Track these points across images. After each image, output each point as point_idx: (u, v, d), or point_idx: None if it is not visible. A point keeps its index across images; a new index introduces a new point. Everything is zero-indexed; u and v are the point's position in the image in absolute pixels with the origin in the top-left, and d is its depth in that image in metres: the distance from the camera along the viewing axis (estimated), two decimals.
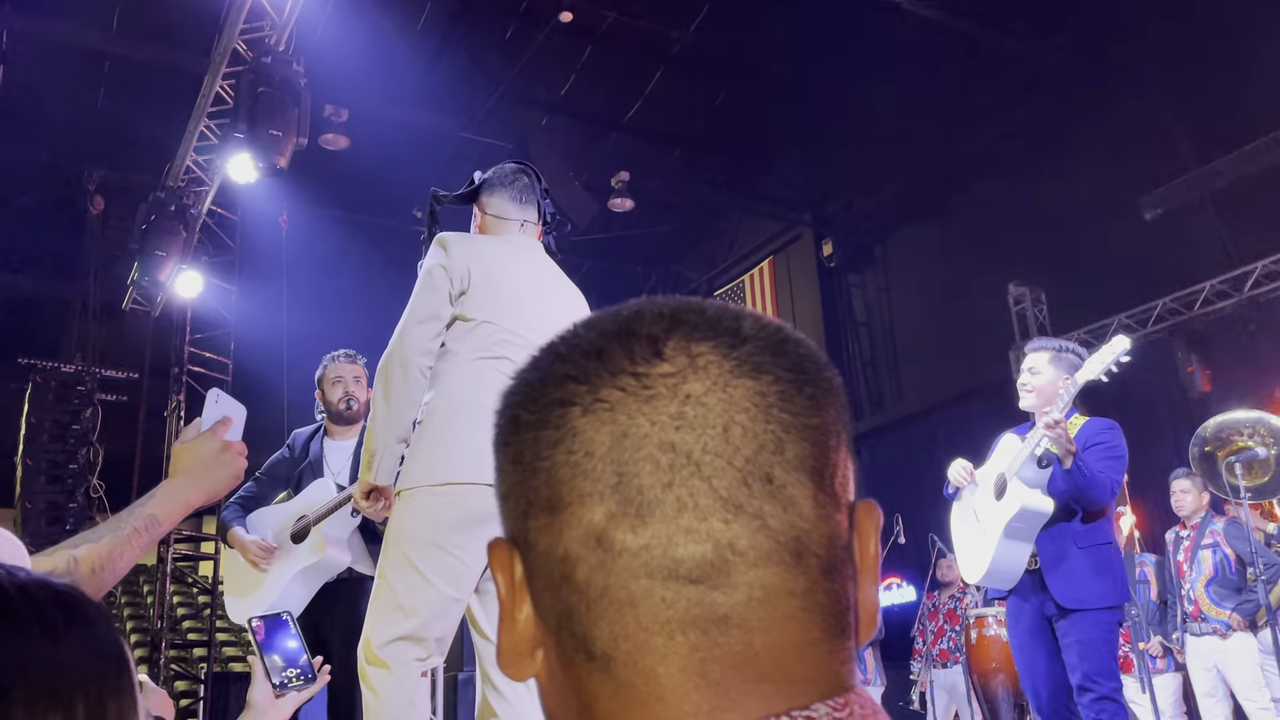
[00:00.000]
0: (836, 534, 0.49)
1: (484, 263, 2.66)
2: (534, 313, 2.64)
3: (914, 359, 10.99)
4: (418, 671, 2.41)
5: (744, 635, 0.46)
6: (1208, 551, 5.74)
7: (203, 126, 8.07)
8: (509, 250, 2.77)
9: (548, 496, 0.48)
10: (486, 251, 2.72)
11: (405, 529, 2.46)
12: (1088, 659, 3.44)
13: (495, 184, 2.91)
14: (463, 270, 2.62)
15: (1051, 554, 3.55)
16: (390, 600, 2.42)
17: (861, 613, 0.50)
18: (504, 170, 2.94)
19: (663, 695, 0.46)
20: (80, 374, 9.10)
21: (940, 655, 7.29)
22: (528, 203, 2.90)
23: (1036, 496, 3.55)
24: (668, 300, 0.52)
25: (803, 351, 0.50)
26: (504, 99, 10.10)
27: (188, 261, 8.92)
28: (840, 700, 0.46)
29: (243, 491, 4.17)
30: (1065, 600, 3.49)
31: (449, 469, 2.43)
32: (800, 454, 0.48)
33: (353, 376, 4.13)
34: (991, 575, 3.64)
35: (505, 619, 0.51)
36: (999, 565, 3.61)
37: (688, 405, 0.47)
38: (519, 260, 2.76)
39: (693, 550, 0.45)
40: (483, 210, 2.90)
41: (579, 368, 0.49)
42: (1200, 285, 8.00)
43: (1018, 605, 3.69)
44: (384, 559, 2.48)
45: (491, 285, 2.64)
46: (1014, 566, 3.60)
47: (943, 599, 7.58)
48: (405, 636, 2.39)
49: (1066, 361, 3.75)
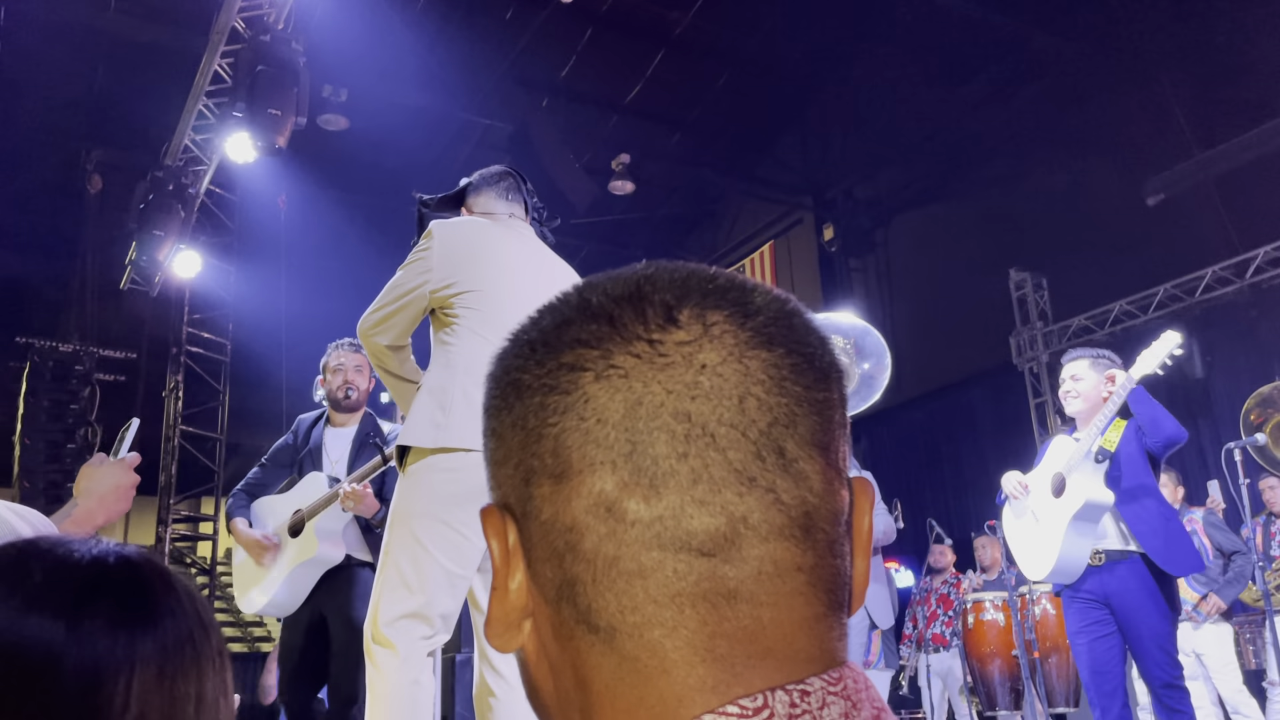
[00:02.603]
0: (840, 509, 0.49)
1: (473, 240, 2.69)
2: (529, 287, 2.64)
3: (914, 344, 10.97)
4: (424, 651, 2.42)
5: (752, 610, 0.45)
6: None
7: (201, 105, 8.03)
8: (506, 233, 2.80)
9: (554, 463, 0.47)
10: (477, 230, 2.75)
11: (411, 506, 2.46)
12: (1155, 646, 3.59)
13: (480, 185, 2.95)
14: (446, 249, 2.64)
15: (1144, 530, 3.68)
16: (396, 578, 2.42)
17: (854, 587, 0.50)
18: (489, 172, 2.98)
19: (668, 669, 0.45)
20: (78, 354, 9.09)
21: (934, 640, 7.31)
22: (514, 200, 2.93)
23: (1099, 489, 3.70)
24: (675, 265, 0.51)
25: (810, 325, 0.50)
26: (504, 80, 10.05)
27: (186, 241, 8.89)
28: (835, 675, 0.46)
29: (249, 478, 4.21)
30: (1173, 568, 3.62)
31: (449, 433, 2.44)
32: (811, 428, 0.47)
33: (354, 366, 4.15)
34: (1058, 571, 3.77)
35: (498, 587, 0.50)
36: (1065, 560, 3.74)
37: (703, 375, 0.46)
38: (508, 238, 2.78)
39: (706, 522, 0.45)
40: (469, 210, 2.93)
41: (590, 332, 0.48)
42: (1202, 271, 7.99)
43: (1077, 596, 3.80)
44: (389, 537, 2.49)
45: (484, 261, 2.66)
46: (1079, 560, 3.74)
47: (935, 584, 7.60)
48: (411, 614, 2.39)
49: (1104, 365, 3.97)
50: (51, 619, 0.51)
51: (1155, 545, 3.65)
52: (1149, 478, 3.76)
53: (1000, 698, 5.73)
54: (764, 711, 0.43)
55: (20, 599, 0.52)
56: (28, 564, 0.54)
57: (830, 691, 0.45)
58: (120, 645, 0.52)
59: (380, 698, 2.37)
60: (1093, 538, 3.74)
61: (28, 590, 0.52)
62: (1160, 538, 3.66)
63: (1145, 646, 3.62)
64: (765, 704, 0.44)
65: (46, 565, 0.54)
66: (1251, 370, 7.78)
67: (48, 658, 0.50)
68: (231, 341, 9.80)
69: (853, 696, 0.45)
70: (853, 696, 0.45)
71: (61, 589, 0.53)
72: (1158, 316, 8.32)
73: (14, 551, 0.55)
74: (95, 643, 0.51)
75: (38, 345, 9.06)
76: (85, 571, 0.55)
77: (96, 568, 0.55)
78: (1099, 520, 3.73)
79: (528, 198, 2.97)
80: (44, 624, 0.51)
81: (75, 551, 0.56)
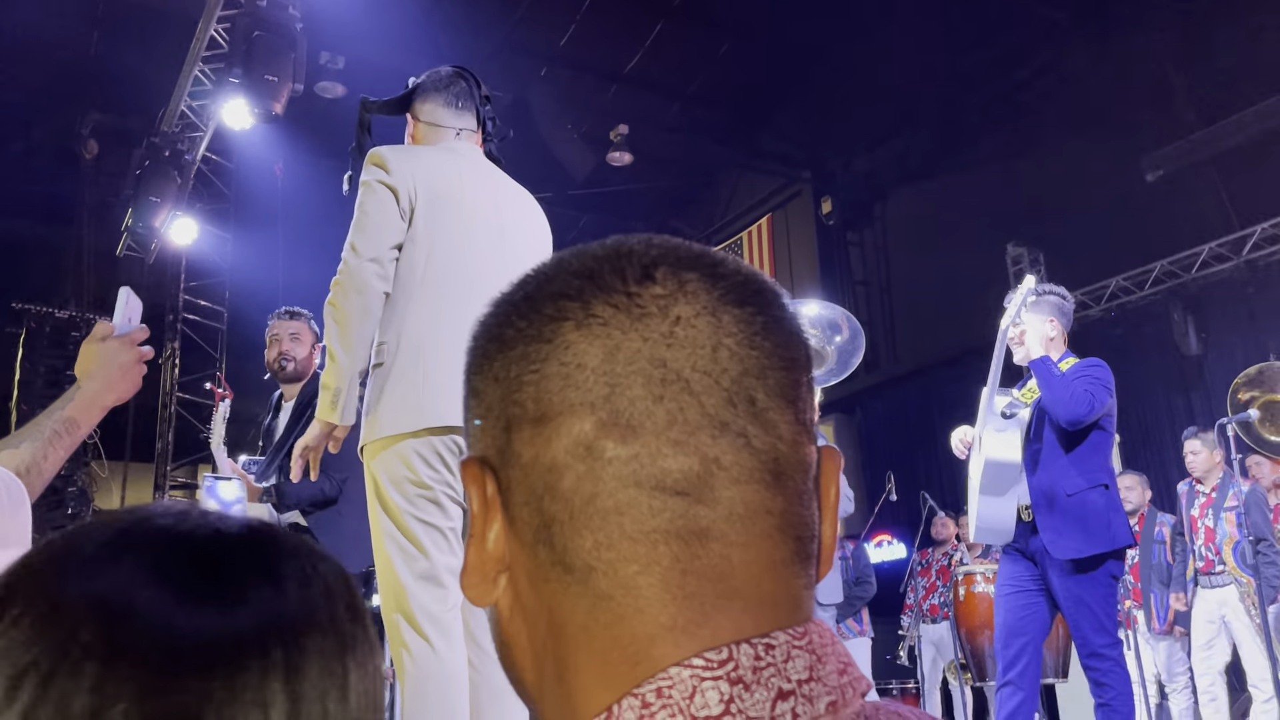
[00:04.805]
0: (808, 463, 0.51)
1: (429, 178, 2.46)
2: (484, 232, 2.48)
3: (911, 318, 10.97)
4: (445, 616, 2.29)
5: (722, 550, 0.47)
6: (1231, 515, 5.76)
7: (197, 71, 7.98)
8: (452, 161, 2.56)
9: (535, 408, 0.48)
10: (430, 165, 2.50)
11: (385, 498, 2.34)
12: (1079, 613, 3.41)
13: (429, 89, 2.69)
14: (409, 187, 2.43)
15: (1040, 503, 3.51)
16: (399, 556, 2.32)
17: (822, 549, 0.52)
18: (439, 74, 2.72)
19: (641, 608, 0.46)
20: (75, 319, 9.07)
21: (930, 610, 7.37)
22: (465, 109, 2.68)
23: (1001, 447, 3.53)
24: (652, 235, 0.53)
25: (779, 294, 0.53)
26: (503, 48, 9.98)
27: (182, 208, 8.86)
28: (800, 630, 0.47)
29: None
30: (1056, 551, 3.45)
31: (426, 412, 2.32)
32: (780, 381, 0.49)
33: (289, 334, 4.00)
34: (983, 530, 3.63)
35: (475, 537, 0.51)
36: (984, 520, 3.59)
37: (678, 326, 0.48)
38: (463, 172, 2.54)
39: (680, 462, 0.47)
40: (415, 117, 2.70)
41: (570, 285, 0.50)
42: (1199, 248, 7.98)
43: (1010, 550, 3.65)
44: (376, 530, 2.36)
45: (439, 203, 2.45)
46: (1002, 520, 3.57)
47: (936, 555, 7.65)
48: (422, 576, 2.29)
49: (1047, 304, 3.74)
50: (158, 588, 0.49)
51: (1047, 523, 3.47)
52: (1062, 442, 3.54)
53: (990, 669, 5.77)
54: (729, 664, 0.45)
55: (131, 565, 0.49)
56: (142, 530, 0.52)
57: (795, 645, 0.46)
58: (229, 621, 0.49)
59: (410, 678, 2.26)
60: (1013, 495, 3.54)
61: (138, 557, 0.50)
62: (1054, 515, 3.46)
63: (1069, 609, 3.44)
64: (730, 656, 0.45)
65: (161, 532, 0.52)
66: (1247, 347, 7.80)
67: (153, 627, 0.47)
68: (228, 309, 9.78)
69: (818, 650, 0.47)
70: (818, 650, 0.47)
71: (176, 559, 0.50)
72: (1154, 293, 8.33)
73: (130, 519, 0.53)
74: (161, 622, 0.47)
75: (34, 311, 9.04)
76: (200, 540, 0.52)
77: (215, 537, 0.52)
78: (1011, 479, 3.53)
79: (480, 105, 2.72)
80: (154, 594, 0.48)
81: (194, 522, 0.53)
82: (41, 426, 1.44)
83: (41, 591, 0.48)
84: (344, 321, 2.35)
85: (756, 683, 0.44)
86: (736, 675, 0.44)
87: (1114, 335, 8.50)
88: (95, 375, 1.53)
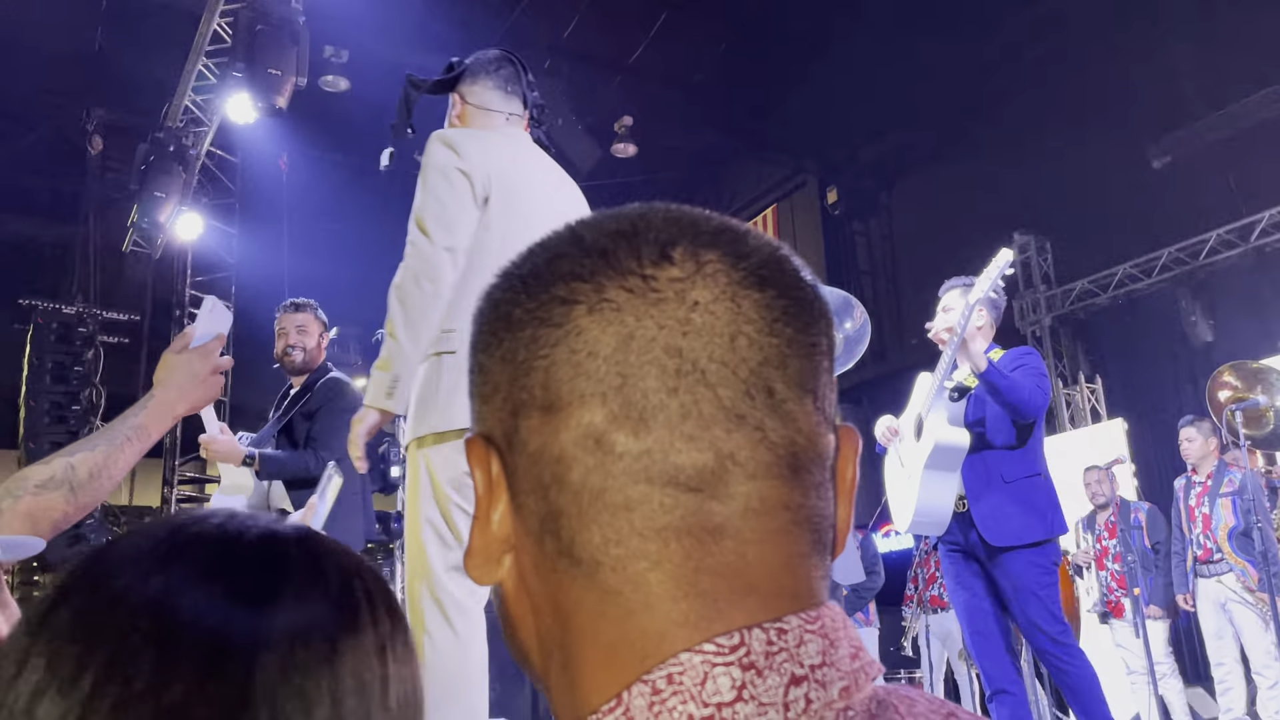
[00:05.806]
0: (826, 453, 0.49)
1: (500, 164, 2.41)
2: (547, 219, 2.41)
3: (917, 307, 10.94)
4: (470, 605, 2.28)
5: (737, 546, 0.45)
6: (1227, 500, 5.75)
7: (201, 65, 7.98)
8: (516, 151, 2.52)
9: (544, 396, 0.46)
10: (500, 151, 2.45)
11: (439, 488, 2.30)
12: (1025, 602, 3.34)
13: (478, 71, 2.62)
14: (484, 174, 2.36)
15: (977, 490, 3.44)
16: (436, 544, 2.30)
17: (837, 533, 0.50)
18: (486, 56, 2.65)
19: (650, 604, 0.45)
20: (82, 315, 9.09)
21: (932, 601, 7.36)
22: (512, 93, 2.62)
23: (950, 430, 3.47)
24: (670, 206, 0.51)
25: (802, 271, 0.50)
26: (506, 40, 9.96)
27: (188, 203, 8.87)
28: (813, 614, 0.46)
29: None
30: (992, 538, 3.38)
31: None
32: (800, 370, 0.47)
33: (295, 326, 4.00)
34: (919, 520, 3.53)
35: (480, 518, 0.50)
36: (924, 507, 3.50)
37: (695, 312, 0.46)
38: (527, 161, 2.52)
39: (694, 458, 0.45)
40: (464, 99, 2.62)
41: (583, 265, 0.48)
42: (1206, 235, 7.96)
43: (949, 549, 3.57)
44: (415, 515, 2.32)
45: (509, 190, 2.40)
46: (940, 508, 3.49)
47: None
48: (455, 567, 2.27)
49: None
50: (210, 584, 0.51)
51: (984, 510, 3.40)
52: (1000, 430, 3.48)
53: None
54: (740, 649, 0.44)
55: (185, 563, 0.52)
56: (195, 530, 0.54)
57: (808, 630, 0.45)
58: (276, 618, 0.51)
59: (430, 665, 2.24)
60: (955, 483, 3.46)
61: (192, 554, 0.52)
62: (991, 502, 3.39)
63: (1016, 601, 3.36)
64: (742, 641, 0.44)
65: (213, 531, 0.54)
66: (1254, 334, 7.77)
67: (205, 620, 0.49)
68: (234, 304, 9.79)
69: (830, 635, 0.46)
70: (830, 635, 0.46)
71: (227, 558, 0.53)
72: (1161, 280, 8.30)
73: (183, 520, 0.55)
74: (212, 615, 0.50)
75: (41, 307, 9.05)
76: (219, 540, 0.54)
77: (231, 538, 0.54)
78: (958, 464, 3.45)
79: (527, 91, 2.65)
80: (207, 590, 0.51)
81: (217, 522, 0.55)
82: (116, 431, 1.46)
83: (101, 585, 0.51)
84: (414, 308, 2.27)
85: (769, 668, 0.43)
86: (749, 660, 0.43)
87: (1122, 323, 8.48)
88: (169, 384, 1.58)
